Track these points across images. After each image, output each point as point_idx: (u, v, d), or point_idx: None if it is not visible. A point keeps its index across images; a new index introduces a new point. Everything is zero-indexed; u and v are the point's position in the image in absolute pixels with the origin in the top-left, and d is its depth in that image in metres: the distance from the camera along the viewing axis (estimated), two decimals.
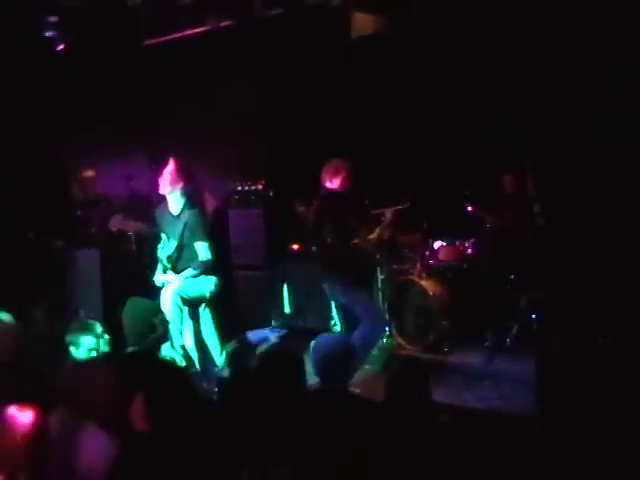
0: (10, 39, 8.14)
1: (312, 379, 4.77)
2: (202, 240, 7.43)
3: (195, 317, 7.50)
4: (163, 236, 7.62)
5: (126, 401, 4.05)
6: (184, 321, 7.40)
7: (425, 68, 8.76)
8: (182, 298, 7.26)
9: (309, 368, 4.74)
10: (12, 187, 8.62)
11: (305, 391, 4.63)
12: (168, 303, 7.18)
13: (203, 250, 7.43)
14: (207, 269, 7.48)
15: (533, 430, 4.29)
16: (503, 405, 6.76)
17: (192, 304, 7.43)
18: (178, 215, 7.47)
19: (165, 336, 6.35)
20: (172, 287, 7.29)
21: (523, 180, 8.39)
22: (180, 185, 7.44)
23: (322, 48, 9.03)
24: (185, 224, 7.39)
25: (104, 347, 6.63)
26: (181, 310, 7.31)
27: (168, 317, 7.06)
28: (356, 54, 8.90)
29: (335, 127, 9.44)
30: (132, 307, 5.71)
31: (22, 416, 3.76)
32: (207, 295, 7.52)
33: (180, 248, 7.45)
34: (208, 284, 7.53)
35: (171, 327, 7.18)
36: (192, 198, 7.62)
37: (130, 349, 5.66)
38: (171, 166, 7.40)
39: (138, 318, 5.62)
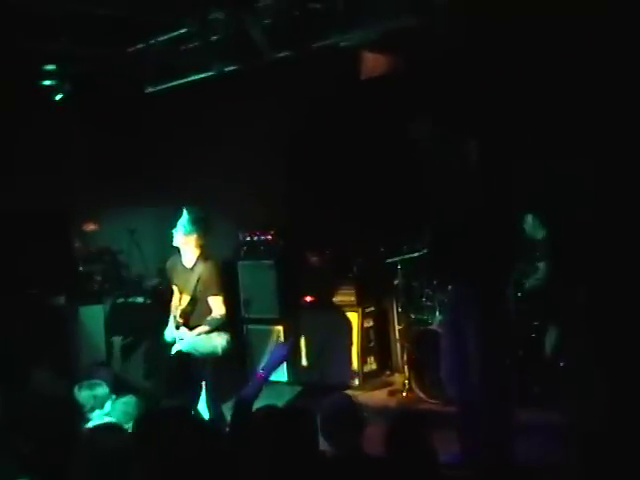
0: (8, 88, 8.06)
1: None
2: (217, 294, 7.26)
3: (207, 374, 7.22)
4: (175, 289, 7.50)
5: None
6: None
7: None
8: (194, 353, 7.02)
9: None
10: (13, 242, 8.58)
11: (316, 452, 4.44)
12: None
13: (217, 304, 7.27)
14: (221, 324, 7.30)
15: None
16: (533, 459, 6.36)
17: (205, 357, 7.19)
18: (192, 268, 7.31)
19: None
20: (183, 344, 7.10)
21: None
22: (194, 236, 7.23)
23: (334, 93, 8.91)
24: (199, 277, 7.21)
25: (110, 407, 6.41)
26: None
27: None
28: (367, 96, 8.71)
29: (347, 173, 9.25)
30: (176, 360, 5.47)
31: None
32: (219, 351, 7.30)
33: (194, 302, 7.28)
34: (220, 340, 7.32)
35: None
36: (207, 249, 7.43)
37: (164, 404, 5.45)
38: (185, 216, 7.24)
39: (181, 372, 5.46)
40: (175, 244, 7.37)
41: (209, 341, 7.24)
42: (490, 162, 6.45)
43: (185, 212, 7.30)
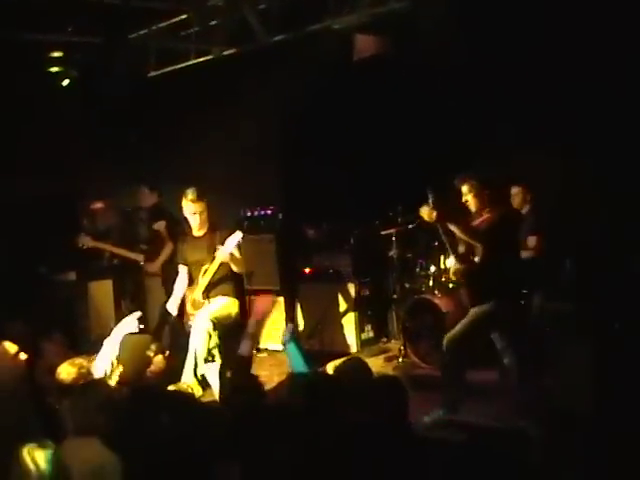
0: (15, 75, 8.26)
1: None
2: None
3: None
4: (183, 270, 7.71)
5: None
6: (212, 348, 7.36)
7: (429, 86, 8.78)
8: (214, 323, 7.24)
9: None
10: (23, 223, 8.75)
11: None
12: (200, 329, 7.18)
13: (239, 263, 7.52)
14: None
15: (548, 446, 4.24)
16: (521, 422, 6.71)
17: (221, 326, 7.36)
18: (203, 236, 7.59)
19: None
20: (206, 311, 7.32)
21: (529, 195, 8.39)
22: (206, 210, 7.54)
23: (328, 71, 9.08)
24: (217, 242, 7.43)
25: None
26: (210, 337, 7.27)
27: (197, 343, 7.11)
28: (360, 75, 8.94)
29: (343, 149, 9.51)
30: (128, 344, 5.65)
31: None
32: (233, 315, 7.53)
33: (216, 272, 7.46)
34: (233, 305, 7.56)
35: (198, 355, 7.18)
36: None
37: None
38: (198, 205, 7.46)
39: (134, 354, 5.54)
40: (187, 214, 7.53)
41: (225, 307, 7.46)
42: None
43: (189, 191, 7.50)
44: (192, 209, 7.47)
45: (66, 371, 5.73)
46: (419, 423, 5.99)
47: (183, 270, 7.75)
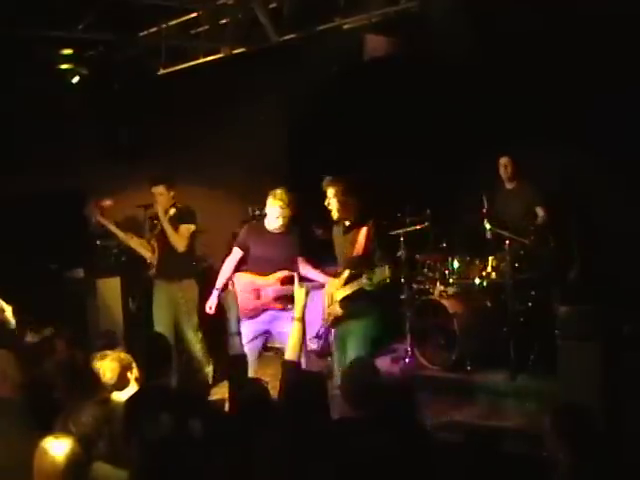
0: (25, 72, 8.28)
1: None
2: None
3: None
4: (237, 251, 7.56)
5: None
6: None
7: (436, 86, 8.79)
8: None
9: None
10: (32, 220, 8.77)
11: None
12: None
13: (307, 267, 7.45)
14: None
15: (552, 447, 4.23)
16: (528, 423, 6.75)
17: None
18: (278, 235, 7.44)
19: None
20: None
21: (519, 168, 8.52)
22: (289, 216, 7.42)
23: (336, 71, 9.09)
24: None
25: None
26: None
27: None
28: (369, 75, 8.94)
29: (350, 148, 9.47)
30: (148, 341, 5.62)
31: (58, 446, 3.81)
32: None
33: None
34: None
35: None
36: None
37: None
38: (286, 210, 7.32)
39: (153, 352, 5.54)
40: (270, 213, 7.38)
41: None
42: None
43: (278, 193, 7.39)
44: (277, 213, 7.33)
45: (109, 369, 5.60)
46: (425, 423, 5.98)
47: (237, 253, 7.55)
